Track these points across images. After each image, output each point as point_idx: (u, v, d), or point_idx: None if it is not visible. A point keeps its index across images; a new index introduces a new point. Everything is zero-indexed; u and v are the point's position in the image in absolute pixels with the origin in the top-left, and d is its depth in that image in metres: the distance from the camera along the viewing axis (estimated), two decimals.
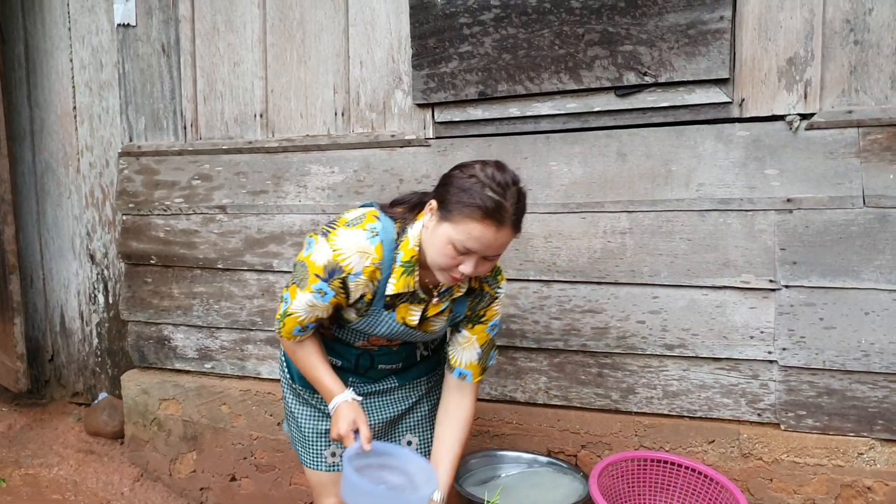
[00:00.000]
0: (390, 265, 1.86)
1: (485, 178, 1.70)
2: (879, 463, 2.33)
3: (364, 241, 1.84)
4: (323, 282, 1.84)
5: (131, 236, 3.44)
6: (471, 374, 2.07)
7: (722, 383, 2.51)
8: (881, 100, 2.27)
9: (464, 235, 1.69)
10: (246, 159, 3.19)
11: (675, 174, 2.49)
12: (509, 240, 1.75)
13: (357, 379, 2.15)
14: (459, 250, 1.72)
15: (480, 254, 1.72)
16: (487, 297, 2.03)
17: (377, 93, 2.93)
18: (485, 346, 2.07)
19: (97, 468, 3.52)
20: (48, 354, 4.14)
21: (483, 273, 1.81)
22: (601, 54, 2.48)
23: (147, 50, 3.37)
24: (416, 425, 2.24)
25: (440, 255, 1.75)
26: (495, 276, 2.02)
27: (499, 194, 1.68)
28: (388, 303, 1.93)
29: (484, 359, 2.08)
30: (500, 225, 1.69)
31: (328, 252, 1.84)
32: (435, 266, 1.80)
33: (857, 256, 2.29)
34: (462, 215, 1.69)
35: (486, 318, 2.05)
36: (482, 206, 1.67)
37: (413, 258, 1.86)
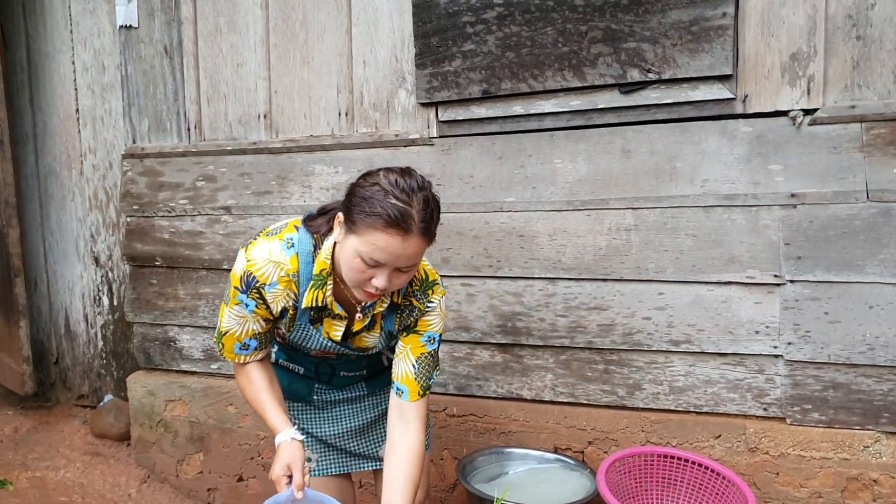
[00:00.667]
0: (308, 279, 1.80)
1: (388, 185, 1.62)
2: (885, 456, 2.34)
3: (278, 252, 1.78)
4: (242, 293, 1.79)
5: (136, 238, 3.45)
6: (407, 390, 1.92)
7: (728, 378, 2.52)
8: (884, 94, 2.28)
9: (369, 247, 1.61)
10: (250, 160, 3.20)
11: (679, 170, 2.50)
12: (420, 249, 1.65)
13: (323, 386, 2.11)
14: (368, 263, 1.63)
15: (390, 265, 1.64)
16: (416, 310, 1.92)
17: (381, 92, 2.94)
18: (420, 359, 1.92)
19: (104, 470, 3.53)
20: (53, 357, 4.15)
21: (399, 286, 1.72)
22: (605, 51, 2.49)
23: (150, 52, 3.38)
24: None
25: (350, 269, 1.68)
26: (425, 290, 1.91)
27: (403, 201, 1.59)
28: (313, 317, 1.87)
29: (421, 376, 1.92)
30: (407, 233, 1.59)
31: (243, 263, 1.79)
32: (349, 281, 1.72)
33: (862, 251, 2.30)
34: (365, 226, 1.61)
35: (419, 328, 1.93)
36: (385, 214, 1.58)
37: (324, 272, 1.78)
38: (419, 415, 1.94)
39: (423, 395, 1.94)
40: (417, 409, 1.93)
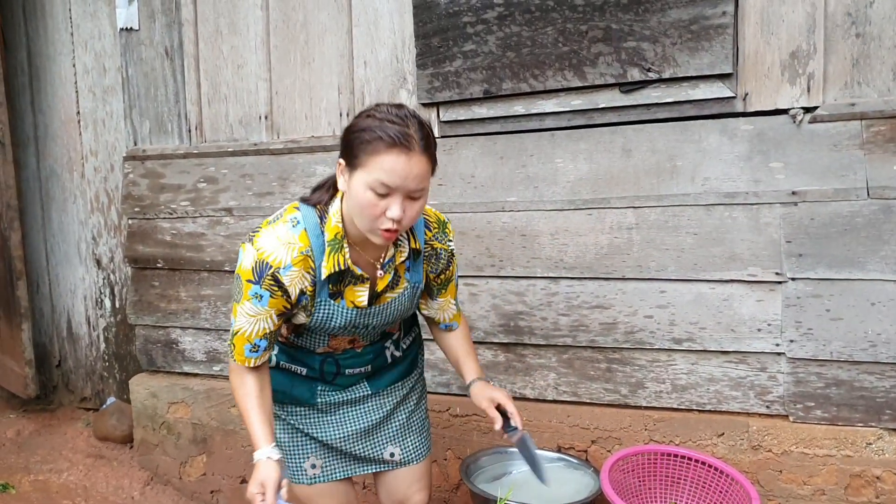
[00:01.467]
0: (322, 251, 1.79)
1: (380, 115, 1.66)
2: (888, 452, 2.34)
3: (285, 233, 1.78)
4: (255, 285, 1.76)
5: (137, 240, 3.45)
6: (455, 322, 2.18)
7: (730, 376, 2.52)
8: (884, 92, 2.29)
9: (377, 173, 1.62)
10: (251, 161, 3.20)
11: (680, 169, 2.51)
12: (426, 169, 1.67)
13: (326, 388, 2.08)
14: (379, 192, 1.63)
15: (401, 189, 1.64)
16: (444, 253, 2.00)
17: (382, 93, 2.95)
18: (456, 296, 2.17)
19: (107, 473, 3.53)
20: (56, 360, 4.15)
21: (411, 218, 1.71)
22: (605, 51, 2.50)
23: (150, 54, 3.39)
24: (396, 435, 2.18)
25: (363, 207, 1.67)
26: (443, 230, 1.99)
27: (399, 124, 1.63)
28: (333, 291, 1.85)
29: (459, 305, 2.20)
30: (409, 150, 1.62)
31: (253, 254, 1.76)
32: (363, 225, 1.71)
33: (863, 248, 2.31)
34: (368, 154, 1.63)
35: (451, 276, 2.10)
36: (386, 136, 1.61)
37: (338, 235, 1.79)
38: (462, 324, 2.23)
39: (460, 315, 2.22)
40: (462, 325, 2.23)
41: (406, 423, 2.19)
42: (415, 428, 2.22)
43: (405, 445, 2.19)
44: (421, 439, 2.23)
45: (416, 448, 2.21)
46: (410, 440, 2.20)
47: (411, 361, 2.23)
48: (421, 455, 2.22)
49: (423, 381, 2.32)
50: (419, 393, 2.26)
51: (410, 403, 2.21)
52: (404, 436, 2.19)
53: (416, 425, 2.22)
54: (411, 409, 2.21)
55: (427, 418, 2.30)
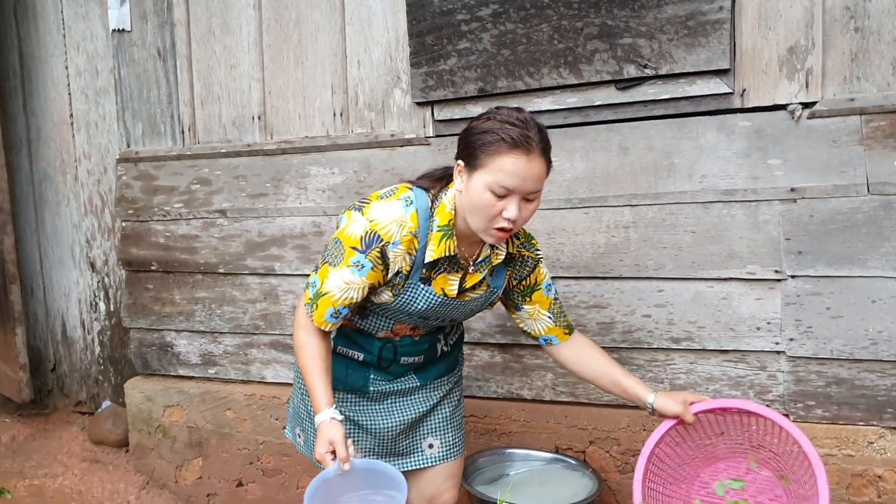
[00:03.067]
0: (426, 234, 1.84)
1: (501, 118, 1.72)
2: (890, 451, 2.32)
3: (400, 211, 1.82)
4: (360, 254, 1.81)
5: (131, 243, 3.43)
6: (555, 337, 2.11)
7: (730, 375, 2.50)
8: (883, 87, 2.26)
9: (497, 174, 1.68)
10: (245, 162, 3.18)
11: (677, 166, 2.48)
12: (543, 172, 1.73)
13: (379, 375, 2.11)
14: (498, 193, 1.70)
15: (519, 190, 1.70)
16: (530, 261, 2.03)
17: (376, 92, 2.92)
18: (551, 308, 2.09)
19: (102, 477, 3.50)
20: (50, 364, 4.12)
21: (525, 220, 1.78)
22: (601, 48, 2.47)
23: (143, 55, 3.36)
24: (438, 427, 2.20)
25: (480, 207, 1.73)
26: (529, 240, 2.04)
27: (520, 126, 1.69)
28: (425, 276, 1.90)
29: (559, 319, 2.10)
30: (530, 152, 1.68)
31: (364, 223, 1.81)
32: (478, 224, 1.77)
33: (863, 244, 2.28)
34: (489, 155, 1.69)
35: (538, 282, 2.06)
36: (506, 138, 1.68)
37: (450, 222, 1.84)
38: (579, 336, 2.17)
39: (569, 332, 2.14)
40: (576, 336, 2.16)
41: (449, 417, 2.23)
42: (455, 423, 2.24)
43: (445, 439, 2.22)
44: (460, 436, 2.26)
45: (454, 443, 2.23)
46: (450, 435, 2.23)
47: (455, 358, 2.26)
48: (457, 451, 2.24)
49: (462, 378, 2.34)
50: (460, 392, 2.30)
51: (454, 399, 2.25)
52: (445, 430, 2.22)
53: (457, 421, 2.25)
54: (454, 404, 2.25)
55: (463, 419, 2.32)
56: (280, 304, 3.13)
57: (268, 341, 3.21)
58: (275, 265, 3.12)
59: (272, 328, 3.16)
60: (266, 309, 3.17)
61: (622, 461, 2.65)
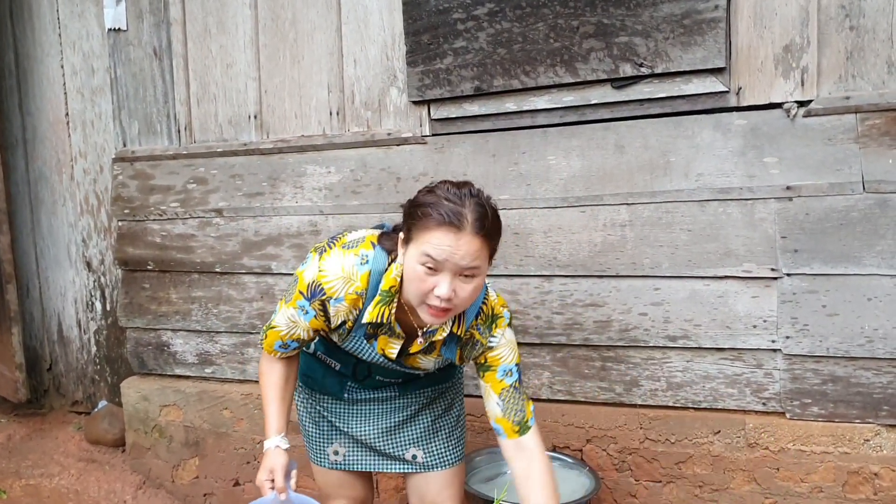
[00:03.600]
0: (374, 296, 1.81)
1: (441, 193, 1.68)
2: (886, 449, 2.32)
3: (351, 268, 1.81)
4: (305, 300, 1.83)
5: (127, 242, 3.42)
6: (501, 429, 1.92)
7: (726, 373, 2.50)
8: (878, 85, 2.27)
9: (425, 247, 1.64)
10: (241, 161, 3.17)
11: (673, 165, 2.48)
12: (477, 249, 1.65)
13: (355, 385, 2.11)
14: (429, 267, 1.65)
15: (449, 266, 1.64)
16: (479, 345, 1.93)
17: (372, 91, 2.92)
18: (503, 395, 1.91)
19: (99, 477, 3.49)
20: (46, 364, 4.11)
21: (464, 300, 1.70)
22: (596, 46, 2.47)
23: (139, 54, 3.35)
24: (420, 438, 2.15)
25: (413, 280, 1.70)
26: (489, 324, 1.92)
27: (455, 203, 1.65)
28: (369, 333, 1.88)
29: (510, 411, 1.91)
30: (459, 230, 1.62)
31: (315, 271, 1.82)
32: (414, 300, 1.73)
33: (859, 242, 2.29)
34: (420, 230, 1.67)
35: (490, 363, 1.93)
36: (437, 215, 1.64)
37: (392, 289, 1.79)
38: (530, 443, 1.92)
39: (520, 432, 1.91)
40: (526, 441, 1.92)
41: (431, 426, 2.16)
42: (442, 434, 2.17)
43: (429, 449, 2.15)
44: (448, 445, 2.17)
45: (441, 454, 2.16)
46: (435, 445, 2.16)
47: (445, 374, 2.19)
48: (447, 462, 2.16)
49: (458, 389, 2.27)
50: (450, 399, 2.21)
51: (438, 408, 2.18)
52: (428, 440, 2.15)
53: (444, 431, 2.17)
54: (438, 413, 2.18)
55: (459, 426, 2.23)
56: (277, 303, 3.12)
57: None
58: (271, 264, 3.12)
59: None
60: (263, 308, 3.17)
61: (619, 459, 2.66)
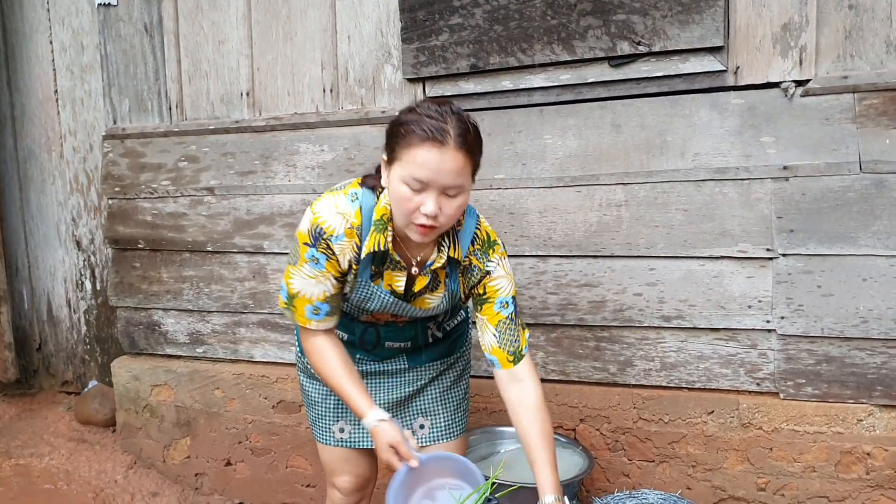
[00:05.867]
0: (368, 230, 1.84)
1: (422, 110, 1.69)
2: (878, 429, 2.33)
3: (343, 204, 1.83)
4: (311, 248, 1.83)
5: (118, 221, 3.39)
6: (496, 359, 1.94)
7: (720, 354, 2.50)
8: (876, 64, 2.26)
9: (410, 167, 1.66)
10: (233, 139, 3.14)
11: (670, 144, 2.47)
12: (461, 166, 1.67)
13: (365, 356, 2.11)
14: (413, 186, 1.67)
15: (434, 184, 1.66)
16: (476, 270, 1.93)
17: (366, 68, 2.89)
18: (499, 327, 1.93)
19: (89, 457, 3.48)
20: (36, 343, 4.08)
21: (450, 216, 1.72)
22: (594, 24, 2.45)
23: (129, 30, 3.31)
24: (428, 408, 2.18)
25: (398, 201, 1.72)
26: (485, 249, 1.93)
27: (437, 119, 1.66)
28: (374, 272, 1.89)
29: (505, 343, 1.92)
30: (443, 145, 1.64)
31: (310, 217, 1.84)
32: (400, 220, 1.76)
33: (855, 222, 2.28)
34: (403, 148, 1.68)
35: (488, 295, 1.94)
36: (419, 131, 1.65)
37: (385, 217, 1.82)
38: (523, 373, 1.94)
39: (514, 361, 1.94)
40: (519, 371, 1.94)
41: (440, 398, 2.19)
42: (450, 405, 2.20)
43: (436, 420, 2.19)
44: (455, 418, 2.21)
45: (447, 425, 2.19)
46: (442, 416, 2.19)
47: (452, 343, 2.21)
48: (452, 433, 2.20)
49: (467, 362, 2.29)
50: (458, 372, 2.23)
51: (447, 380, 2.20)
52: (436, 411, 2.19)
53: (452, 403, 2.21)
54: (447, 385, 2.20)
55: (465, 400, 2.26)
56: (269, 282, 3.10)
57: (256, 320, 3.19)
58: (263, 243, 3.09)
59: (261, 307, 3.14)
60: (255, 288, 3.15)
61: (612, 439, 2.66)
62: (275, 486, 3.19)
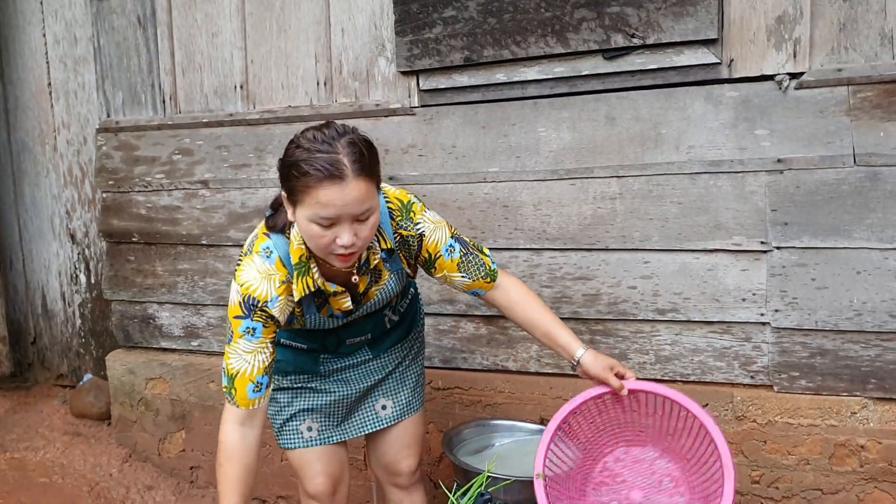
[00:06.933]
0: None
1: (307, 143, 1.63)
2: (872, 422, 2.33)
3: (263, 264, 1.79)
4: (245, 318, 1.78)
5: (112, 214, 3.38)
6: (479, 289, 2.01)
7: (714, 347, 2.50)
8: (871, 57, 2.25)
9: (315, 208, 1.61)
10: (227, 132, 3.13)
11: (664, 137, 2.46)
12: (365, 191, 1.63)
13: (329, 356, 2.11)
14: (322, 224, 1.63)
15: (344, 217, 1.63)
16: (411, 240, 1.92)
17: (360, 61, 2.88)
18: (461, 268, 1.96)
19: (85, 450, 3.48)
20: (30, 337, 4.08)
21: (367, 238, 1.70)
22: (588, 16, 2.44)
23: (122, 22, 3.29)
24: (390, 389, 2.22)
25: (312, 239, 1.68)
26: (406, 216, 1.91)
27: (326, 151, 1.59)
28: (319, 303, 1.89)
29: (474, 273, 1.97)
30: (342, 179, 1.58)
31: (237, 290, 1.79)
32: (319, 253, 1.73)
33: (849, 215, 2.28)
34: (301, 190, 1.61)
35: (432, 253, 1.94)
36: (314, 171, 1.59)
37: (302, 257, 1.79)
38: (504, 282, 2.03)
39: (492, 279, 2.00)
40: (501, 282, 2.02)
41: (400, 378, 2.24)
42: (409, 383, 2.25)
43: (398, 399, 2.23)
44: (414, 395, 2.26)
45: (408, 403, 2.24)
46: (403, 395, 2.24)
47: (410, 320, 2.25)
48: (412, 409, 2.25)
49: (422, 340, 2.34)
50: (415, 352, 2.29)
51: (407, 360, 2.25)
52: (397, 390, 2.23)
53: (410, 381, 2.26)
54: (406, 365, 2.25)
55: (421, 377, 2.32)
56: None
57: None
58: None
59: None
60: None
61: None
62: (270, 479, 3.19)
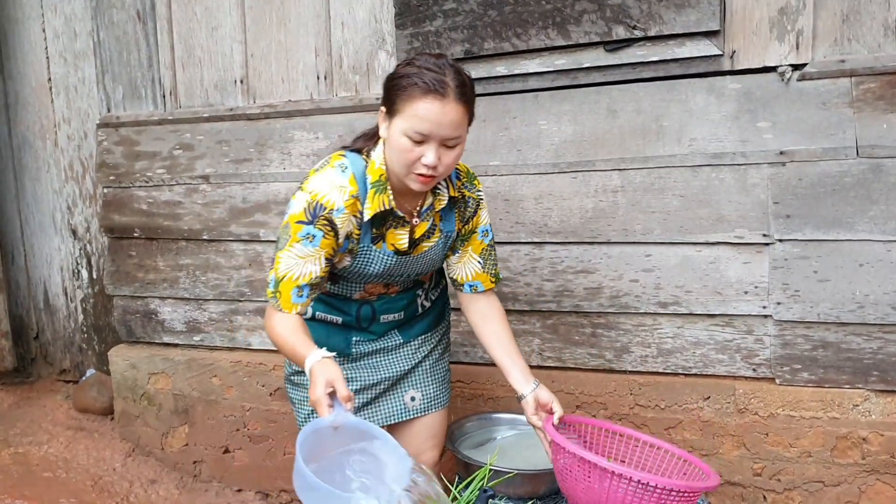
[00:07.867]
0: (366, 194, 1.86)
1: (420, 63, 1.74)
2: (874, 414, 2.33)
3: (337, 177, 1.84)
4: (308, 225, 1.80)
5: (113, 209, 3.38)
6: (480, 283, 2.10)
7: (716, 339, 2.50)
8: (874, 48, 2.24)
9: (412, 120, 1.70)
10: (227, 127, 3.12)
11: (666, 130, 2.46)
12: (461, 116, 1.73)
13: (361, 336, 2.12)
14: (414, 139, 1.71)
15: (435, 136, 1.71)
16: (471, 201, 2.04)
17: (360, 54, 2.87)
18: (483, 253, 2.09)
19: (88, 445, 3.48)
20: (33, 332, 4.08)
21: (448, 165, 1.77)
22: (589, 8, 2.43)
23: (122, 17, 3.28)
24: (419, 381, 2.22)
25: (400, 153, 1.75)
26: (471, 180, 2.05)
27: (436, 72, 1.70)
28: (375, 235, 1.92)
29: (488, 266, 2.10)
30: (444, 97, 1.69)
31: (306, 197, 1.82)
32: (400, 171, 1.79)
33: (851, 208, 2.27)
34: (404, 101, 1.71)
35: (475, 226, 2.07)
36: (420, 83, 1.69)
37: (381, 177, 1.86)
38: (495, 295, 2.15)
39: (495, 282, 2.13)
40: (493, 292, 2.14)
41: (429, 370, 2.24)
42: (437, 377, 2.26)
43: (426, 392, 2.23)
44: (441, 389, 2.27)
45: (435, 396, 2.25)
46: (432, 388, 2.24)
47: (439, 313, 2.29)
48: (439, 404, 2.26)
49: (449, 334, 2.36)
50: (444, 346, 2.31)
51: (436, 353, 2.27)
52: (426, 383, 2.24)
53: (439, 375, 2.27)
54: (436, 358, 2.26)
55: (449, 371, 2.33)
56: (265, 270, 3.10)
57: (253, 308, 3.18)
58: (259, 231, 3.09)
59: (257, 295, 3.14)
60: (251, 275, 3.14)
61: None
62: (273, 472, 3.20)
